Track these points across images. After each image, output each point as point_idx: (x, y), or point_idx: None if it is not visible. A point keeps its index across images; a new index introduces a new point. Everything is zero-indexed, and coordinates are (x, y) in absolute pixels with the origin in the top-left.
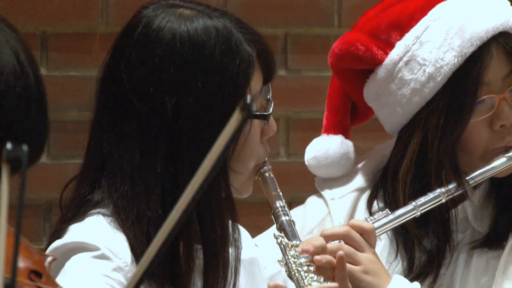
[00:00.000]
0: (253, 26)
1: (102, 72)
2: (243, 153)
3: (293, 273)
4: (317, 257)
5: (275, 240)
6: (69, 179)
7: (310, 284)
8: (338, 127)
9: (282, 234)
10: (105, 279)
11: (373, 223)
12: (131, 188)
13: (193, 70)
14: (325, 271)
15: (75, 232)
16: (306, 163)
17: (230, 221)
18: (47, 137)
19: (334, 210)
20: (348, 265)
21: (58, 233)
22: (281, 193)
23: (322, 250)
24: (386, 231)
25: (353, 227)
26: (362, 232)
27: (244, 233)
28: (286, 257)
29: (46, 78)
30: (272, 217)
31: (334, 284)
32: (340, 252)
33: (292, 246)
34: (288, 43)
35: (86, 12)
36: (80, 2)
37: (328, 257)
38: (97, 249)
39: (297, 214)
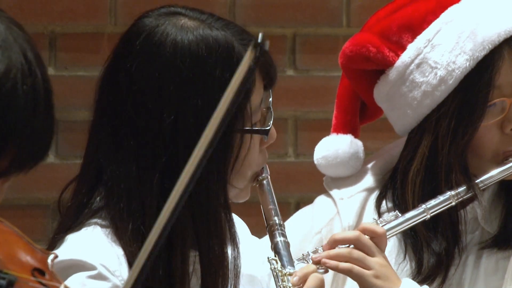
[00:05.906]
0: (261, 26)
1: (102, 74)
2: (241, 167)
3: None
4: None
5: (269, 264)
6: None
7: None
8: (348, 127)
9: (277, 258)
10: None
11: (383, 225)
12: (127, 204)
13: (193, 88)
14: None
15: (72, 246)
16: (316, 162)
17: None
18: (53, 137)
19: (342, 210)
20: (359, 269)
21: (55, 243)
22: (277, 207)
23: None
24: (395, 234)
25: (365, 230)
26: (374, 236)
27: (242, 227)
28: (278, 284)
29: (55, 78)
30: (267, 233)
31: None
32: None
33: (285, 274)
34: (296, 43)
35: (94, 12)
36: (88, 2)
37: None
38: (93, 268)
39: (305, 214)
